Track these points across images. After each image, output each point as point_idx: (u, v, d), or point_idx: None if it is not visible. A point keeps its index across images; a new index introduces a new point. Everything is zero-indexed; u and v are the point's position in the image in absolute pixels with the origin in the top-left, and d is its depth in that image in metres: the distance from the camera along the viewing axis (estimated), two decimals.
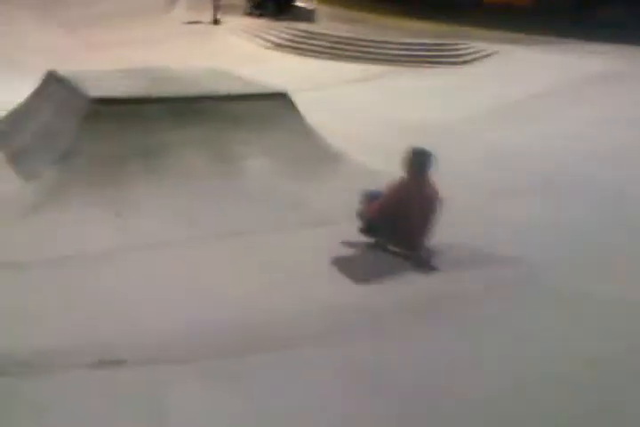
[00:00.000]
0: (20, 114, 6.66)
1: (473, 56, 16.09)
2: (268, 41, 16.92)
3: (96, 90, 5.72)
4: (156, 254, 4.56)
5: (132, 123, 5.50)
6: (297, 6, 21.43)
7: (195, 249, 4.69)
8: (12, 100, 7.20)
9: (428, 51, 16.31)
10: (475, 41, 17.50)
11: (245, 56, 14.06)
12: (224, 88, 6.50)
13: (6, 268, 4.14)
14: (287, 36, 17.13)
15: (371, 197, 4.79)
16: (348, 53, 15.82)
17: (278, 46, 16.51)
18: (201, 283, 4.19)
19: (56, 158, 5.31)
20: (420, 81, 13.41)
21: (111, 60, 7.37)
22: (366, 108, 10.32)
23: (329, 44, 16.45)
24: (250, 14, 21.25)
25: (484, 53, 16.17)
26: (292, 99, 6.78)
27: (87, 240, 4.64)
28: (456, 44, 17.03)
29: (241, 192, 5.53)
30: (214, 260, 4.57)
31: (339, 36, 17.08)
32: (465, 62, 15.70)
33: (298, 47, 16.36)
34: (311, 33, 17.42)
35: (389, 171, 5.69)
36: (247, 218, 5.21)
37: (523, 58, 15.09)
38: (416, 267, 4.59)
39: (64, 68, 7.02)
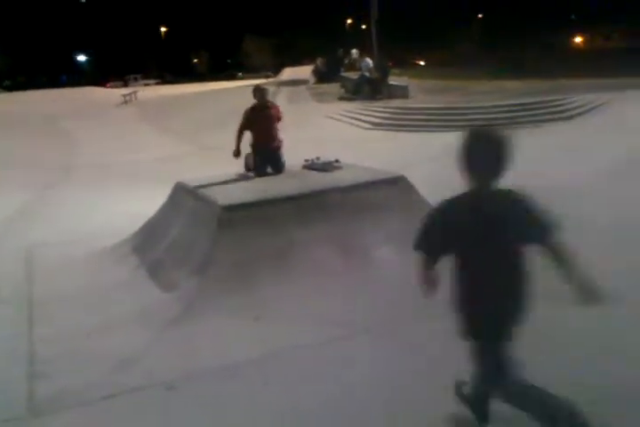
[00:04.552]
0: (154, 225, 7.04)
1: (579, 110, 15.58)
2: (367, 122, 17.36)
3: (224, 197, 5.94)
4: (302, 357, 4.44)
5: (262, 225, 5.60)
6: (390, 84, 22.08)
7: (340, 347, 4.53)
8: (142, 211, 7.69)
9: (530, 110, 15.99)
10: (577, 93, 17.02)
11: (347, 139, 14.41)
12: (344, 178, 6.57)
13: (152, 387, 4.12)
14: (384, 115, 17.53)
15: None
16: (447, 123, 15.83)
17: (377, 126, 16.86)
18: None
19: (192, 268, 5.46)
20: (530, 141, 13.02)
21: (226, 160, 7.66)
22: None
23: (426, 117, 16.60)
24: (345, 98, 22.15)
25: (590, 106, 15.63)
26: (410, 181, 6.73)
27: (230, 349, 4.62)
28: (557, 99, 16.63)
29: (374, 284, 5.40)
30: (367, 357, 4.36)
31: (434, 108, 17.25)
32: (571, 117, 15.20)
33: (396, 124, 16.63)
34: (407, 109, 17.74)
35: None
36: (384, 310, 5.03)
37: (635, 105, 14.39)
38: None
39: (188, 176, 7.47)
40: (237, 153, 7.32)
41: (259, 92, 7.35)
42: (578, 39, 45.63)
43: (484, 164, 2.65)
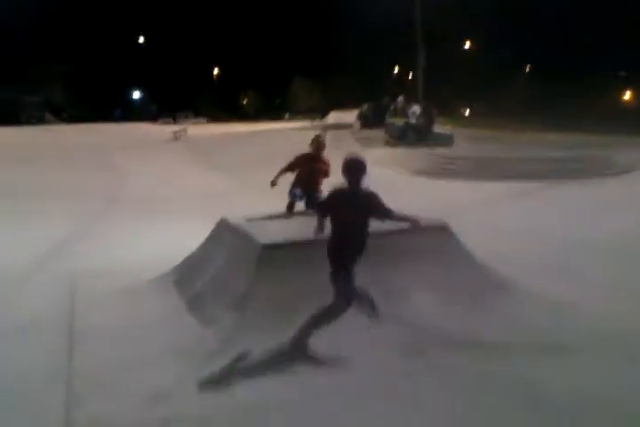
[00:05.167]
0: (195, 260, 7.15)
1: (625, 166, 15.38)
2: (411, 168, 17.46)
3: (266, 235, 6.03)
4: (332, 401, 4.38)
5: (301, 265, 5.65)
6: (435, 132, 22.28)
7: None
8: (185, 244, 7.84)
9: (575, 162, 15.87)
10: (622, 148, 16.88)
11: (390, 184, 14.46)
12: (384, 225, 6.58)
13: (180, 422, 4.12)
14: (428, 162, 17.63)
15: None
16: (491, 172, 15.79)
17: (421, 172, 16.94)
18: None
19: (231, 304, 5.51)
20: (578, 194, 12.89)
21: (271, 198, 7.79)
22: (528, 226, 9.99)
23: (471, 166, 16.60)
24: (389, 144, 22.40)
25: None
26: (452, 230, 6.72)
27: (264, 386, 4.60)
28: (604, 154, 16.49)
29: (410, 328, 5.35)
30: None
31: (479, 157, 17.25)
32: (618, 173, 14.99)
33: (440, 172, 16.67)
34: (451, 157, 17.80)
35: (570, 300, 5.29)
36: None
37: None
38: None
39: (231, 212, 7.61)
40: (274, 183, 7.37)
41: (315, 142, 7.51)
42: (627, 95, 45.36)
43: (353, 175, 4.94)
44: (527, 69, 54.78)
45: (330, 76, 71.93)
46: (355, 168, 4.94)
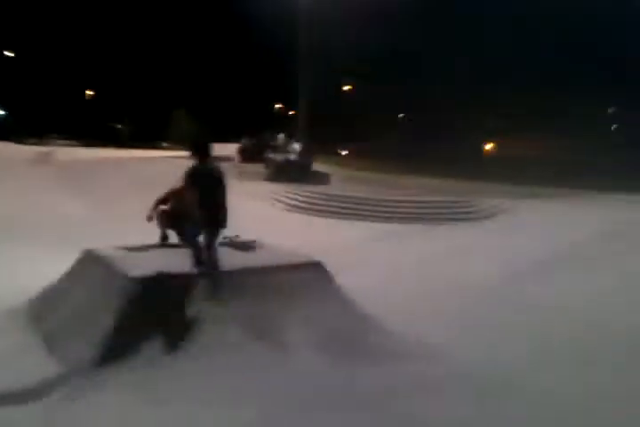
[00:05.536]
0: (54, 292, 6.63)
1: (489, 211, 16.59)
2: (288, 204, 17.63)
3: (134, 268, 5.74)
4: None
5: (174, 299, 5.43)
6: (312, 170, 22.80)
7: None
8: (43, 274, 7.27)
9: (443, 208, 16.86)
10: (488, 196, 18.22)
11: (266, 219, 14.51)
12: (261, 259, 6.55)
13: None
14: (305, 199, 17.89)
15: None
16: (363, 213, 16.35)
17: (297, 208, 17.15)
18: None
19: (94, 339, 5.14)
20: (442, 238, 13.65)
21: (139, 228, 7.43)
22: (398, 266, 10.37)
23: (345, 205, 17.08)
24: (268, 179, 22.54)
25: (500, 208, 16.71)
26: (326, 267, 6.81)
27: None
28: (469, 200, 17.68)
29: (285, 369, 5.28)
30: None
31: (353, 197, 17.79)
32: (481, 218, 16.13)
33: (315, 209, 16.98)
34: (327, 195, 18.21)
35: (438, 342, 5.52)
36: (293, 399, 4.89)
37: (537, 211, 15.55)
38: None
39: (97, 241, 7.18)
40: (150, 218, 7.05)
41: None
42: (488, 146, 49.50)
43: (203, 153, 6.04)
44: (401, 116, 57.94)
45: (210, 108, 71.65)
46: (204, 147, 6.03)
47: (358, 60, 47.63)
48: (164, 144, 66.98)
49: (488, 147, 49.97)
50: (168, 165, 24.48)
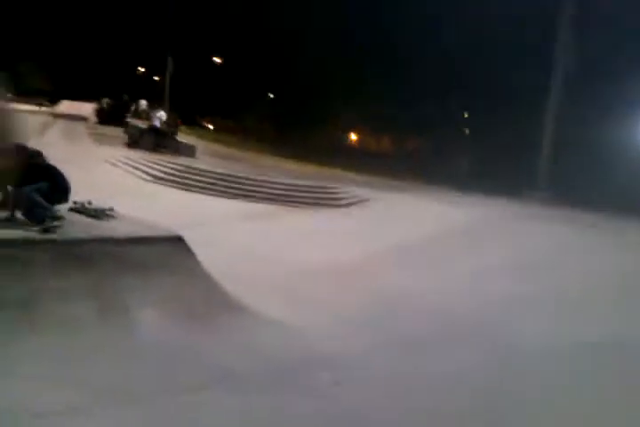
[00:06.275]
0: None
1: (351, 200, 16.94)
2: (149, 174, 16.70)
3: None
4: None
5: (8, 268, 4.78)
6: (178, 141, 21.80)
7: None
8: None
9: (309, 192, 16.95)
10: (351, 185, 18.66)
11: (125, 189, 13.60)
12: (115, 229, 6.01)
13: None
14: (168, 170, 17.07)
15: None
16: (229, 190, 15.96)
17: (159, 179, 16.30)
18: None
19: None
20: (305, 221, 13.70)
21: None
22: (253, 247, 10.17)
23: (210, 181, 16.55)
24: (128, 145, 21.23)
25: (361, 198, 17.11)
26: (187, 242, 6.43)
27: None
28: (335, 187, 17.97)
29: (133, 347, 4.88)
30: None
31: (220, 173, 17.28)
32: (344, 205, 16.43)
33: (178, 181, 16.28)
34: (192, 168, 17.52)
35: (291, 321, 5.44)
36: (138, 379, 4.52)
37: (395, 203, 16.18)
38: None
39: None
40: None
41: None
42: (353, 137, 50.53)
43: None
44: (271, 96, 57.41)
45: (62, 61, 65.50)
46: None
47: (231, 35, 46.25)
48: (9, 95, 60.69)
49: (354, 137, 51.12)
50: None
